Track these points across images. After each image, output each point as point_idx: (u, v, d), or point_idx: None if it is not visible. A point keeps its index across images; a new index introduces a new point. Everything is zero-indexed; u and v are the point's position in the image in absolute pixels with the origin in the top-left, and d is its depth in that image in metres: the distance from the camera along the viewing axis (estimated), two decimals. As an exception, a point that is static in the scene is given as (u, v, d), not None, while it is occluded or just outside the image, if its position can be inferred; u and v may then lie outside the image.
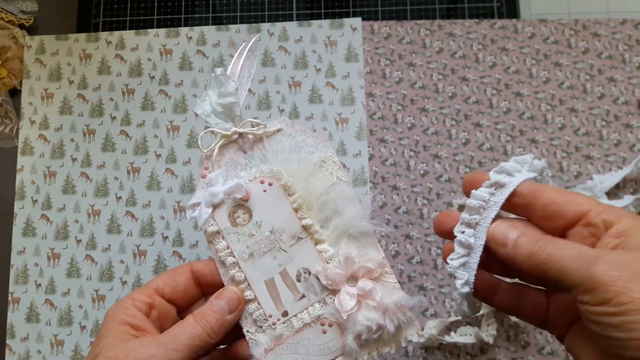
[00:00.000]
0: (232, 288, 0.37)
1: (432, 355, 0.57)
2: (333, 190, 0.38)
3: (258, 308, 0.37)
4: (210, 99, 0.38)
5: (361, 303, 0.36)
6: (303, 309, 0.37)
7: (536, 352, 0.56)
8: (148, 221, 0.62)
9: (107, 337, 0.34)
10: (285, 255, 0.38)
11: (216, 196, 0.38)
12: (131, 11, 0.69)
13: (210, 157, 0.39)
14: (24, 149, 0.65)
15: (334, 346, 0.36)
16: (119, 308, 0.36)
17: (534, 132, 0.61)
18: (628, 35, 0.62)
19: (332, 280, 0.36)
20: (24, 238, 0.63)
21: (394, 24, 0.64)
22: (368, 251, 0.37)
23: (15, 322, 0.61)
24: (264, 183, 0.38)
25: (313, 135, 0.39)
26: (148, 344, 0.34)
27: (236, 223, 0.38)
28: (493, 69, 0.62)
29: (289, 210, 0.38)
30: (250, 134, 0.39)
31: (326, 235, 0.38)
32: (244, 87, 0.39)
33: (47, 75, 0.66)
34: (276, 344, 0.37)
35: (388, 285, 0.37)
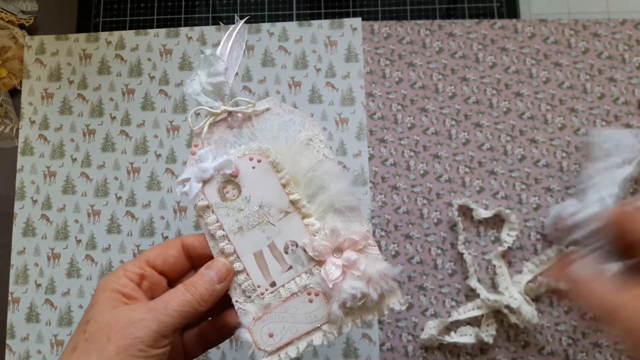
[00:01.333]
0: (221, 259, 0.38)
1: (432, 355, 0.57)
2: (320, 167, 0.39)
3: (247, 279, 0.38)
4: (199, 79, 0.40)
5: (346, 273, 0.37)
6: (290, 279, 0.38)
7: (536, 352, 0.56)
8: (148, 221, 0.62)
9: (98, 305, 0.35)
10: (274, 228, 0.39)
11: (206, 172, 0.39)
12: (131, 11, 0.69)
13: (199, 134, 0.41)
14: (24, 149, 0.65)
15: (320, 314, 0.38)
16: (110, 278, 0.36)
17: (534, 132, 0.61)
18: (628, 35, 0.62)
19: (319, 252, 0.38)
20: (24, 238, 0.63)
21: (394, 24, 0.64)
22: (353, 225, 0.39)
23: (15, 322, 0.61)
24: (253, 160, 0.40)
25: (300, 114, 0.41)
26: (138, 308, 0.34)
27: (226, 198, 0.39)
28: (493, 69, 0.62)
29: (277, 185, 0.39)
30: (239, 112, 0.41)
31: (313, 209, 0.39)
32: (233, 68, 0.41)
33: (47, 75, 0.66)
34: (264, 313, 0.38)
35: (371, 257, 0.38)
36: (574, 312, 0.57)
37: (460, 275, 0.58)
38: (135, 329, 0.33)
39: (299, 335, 0.38)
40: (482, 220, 0.59)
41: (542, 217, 0.59)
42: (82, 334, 0.34)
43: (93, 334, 0.33)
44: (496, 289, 0.57)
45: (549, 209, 0.58)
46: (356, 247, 0.38)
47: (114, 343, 0.32)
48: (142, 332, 0.33)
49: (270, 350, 0.37)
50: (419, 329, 0.57)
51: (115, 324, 0.33)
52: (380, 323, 0.58)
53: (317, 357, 0.58)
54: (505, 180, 0.60)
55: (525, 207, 0.59)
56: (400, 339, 0.58)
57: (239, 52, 0.41)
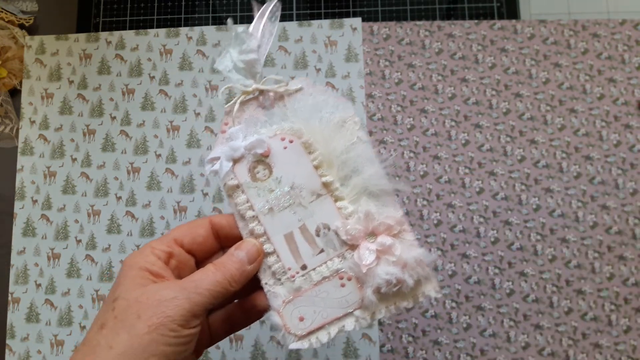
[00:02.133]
0: (251, 240, 0.37)
1: (432, 355, 0.57)
2: (353, 149, 0.38)
3: (277, 261, 0.37)
4: (231, 56, 0.39)
5: (380, 258, 0.36)
6: (322, 262, 0.37)
7: (536, 352, 0.57)
8: (148, 221, 0.62)
9: (125, 283, 0.33)
10: (305, 210, 0.38)
11: (237, 150, 0.38)
12: (131, 11, 0.69)
13: (230, 112, 0.39)
14: (24, 149, 0.65)
15: (352, 299, 0.37)
16: (137, 256, 0.35)
17: (533, 132, 0.61)
18: (627, 35, 0.62)
19: (352, 236, 0.37)
20: (24, 238, 0.63)
21: (393, 25, 0.64)
22: (387, 209, 0.37)
23: (15, 322, 0.61)
24: (285, 140, 0.38)
25: (334, 95, 0.40)
26: (169, 287, 0.33)
27: (256, 178, 0.38)
28: (493, 69, 0.62)
29: (309, 167, 0.38)
30: (271, 91, 0.39)
31: (346, 192, 0.38)
32: (266, 46, 0.40)
33: (47, 75, 0.66)
34: (295, 296, 0.37)
35: (406, 242, 0.37)
36: (574, 313, 0.57)
37: (461, 276, 0.58)
38: (166, 308, 0.31)
39: (331, 320, 0.36)
40: (482, 221, 0.59)
41: (542, 218, 0.59)
42: (110, 311, 0.32)
43: (122, 312, 0.32)
44: (496, 289, 0.58)
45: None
46: (391, 232, 0.37)
47: (145, 322, 0.31)
48: (173, 311, 0.31)
49: (300, 334, 0.36)
50: (419, 330, 0.58)
51: (145, 301, 0.32)
52: (381, 324, 0.58)
53: (317, 357, 0.58)
54: (505, 181, 0.60)
55: (525, 207, 0.59)
56: (400, 340, 0.58)
57: (271, 30, 0.40)
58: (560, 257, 0.58)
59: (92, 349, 0.31)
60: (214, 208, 0.62)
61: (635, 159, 0.60)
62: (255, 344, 0.59)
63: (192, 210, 0.62)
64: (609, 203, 0.59)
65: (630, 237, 0.58)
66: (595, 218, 0.59)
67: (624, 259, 0.58)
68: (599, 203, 0.59)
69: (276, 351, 0.59)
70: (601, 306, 0.57)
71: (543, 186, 0.60)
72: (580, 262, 0.58)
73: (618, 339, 0.57)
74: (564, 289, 0.58)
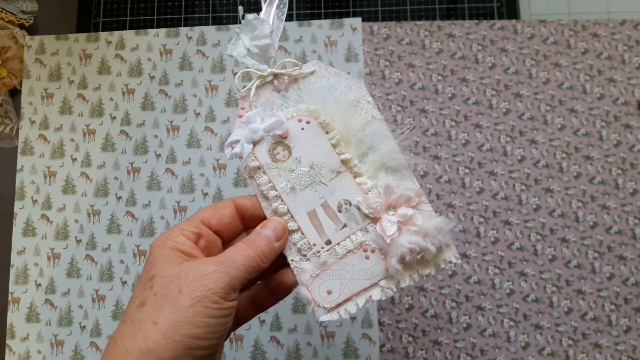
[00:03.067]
0: (276, 218, 0.39)
1: (432, 355, 0.57)
2: (369, 127, 0.39)
3: (302, 238, 0.38)
4: (243, 42, 0.40)
5: (401, 229, 0.37)
6: (345, 237, 0.38)
7: (536, 352, 0.57)
8: (148, 221, 0.62)
9: (159, 261, 0.34)
10: (326, 188, 0.39)
11: (257, 133, 0.39)
12: (131, 11, 0.69)
13: (246, 97, 0.40)
14: (24, 149, 0.65)
15: (377, 270, 0.38)
16: (167, 236, 0.36)
17: (533, 132, 0.61)
18: (627, 35, 0.62)
19: (374, 209, 0.38)
20: (24, 238, 0.63)
21: (393, 25, 0.64)
22: (405, 182, 0.39)
23: (15, 322, 0.61)
24: (302, 121, 0.40)
25: (346, 77, 0.41)
26: (207, 262, 0.34)
27: (276, 159, 0.39)
28: (493, 69, 0.62)
29: (328, 146, 0.39)
30: (285, 74, 0.40)
31: (364, 169, 0.39)
32: (277, 32, 0.41)
33: (47, 75, 0.66)
34: (321, 271, 0.38)
35: (425, 212, 0.38)
36: (574, 313, 0.57)
37: (461, 276, 0.58)
38: (208, 281, 0.32)
39: (357, 292, 0.38)
40: (482, 221, 0.59)
41: (542, 218, 0.59)
42: (148, 289, 0.33)
43: (162, 288, 0.32)
44: (496, 289, 0.58)
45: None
46: (410, 204, 0.38)
47: (187, 295, 0.31)
48: (215, 283, 0.32)
49: (329, 307, 0.37)
50: (419, 330, 0.58)
51: (184, 277, 0.32)
52: (381, 324, 0.58)
53: (317, 357, 0.58)
54: (505, 181, 0.60)
55: (525, 207, 0.59)
56: (400, 340, 0.58)
57: (280, 17, 0.41)
58: (561, 257, 0.58)
59: (136, 326, 0.31)
60: (214, 208, 0.62)
61: (635, 159, 0.60)
62: (255, 344, 0.59)
63: (192, 210, 0.62)
64: (609, 203, 0.59)
65: (630, 237, 0.58)
66: (595, 218, 0.59)
67: (624, 259, 0.58)
68: (599, 203, 0.59)
69: (276, 351, 0.59)
70: (601, 306, 0.57)
71: (543, 186, 0.60)
72: (580, 262, 0.58)
73: (618, 339, 0.57)
74: (564, 289, 0.58)
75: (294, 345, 0.59)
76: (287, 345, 0.59)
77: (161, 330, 0.31)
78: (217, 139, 0.63)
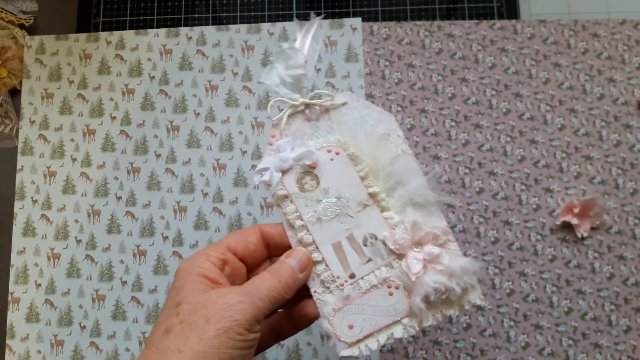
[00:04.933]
0: (301, 248, 0.38)
1: (432, 355, 0.57)
2: (398, 161, 0.39)
3: (326, 269, 0.38)
4: (277, 71, 0.40)
5: (427, 267, 0.37)
6: (370, 271, 0.38)
7: (536, 352, 0.57)
8: (148, 221, 0.62)
9: (186, 287, 0.34)
10: (352, 220, 0.39)
11: (286, 162, 0.39)
12: (131, 11, 0.69)
13: (277, 125, 0.41)
14: (24, 149, 0.65)
15: (400, 308, 0.38)
16: (193, 262, 0.36)
17: (533, 132, 0.61)
18: (627, 35, 0.62)
19: (400, 245, 0.38)
20: (24, 238, 0.63)
21: (393, 25, 0.64)
22: (432, 219, 0.39)
23: (15, 322, 0.61)
24: (331, 152, 0.40)
25: (377, 109, 0.41)
26: (233, 291, 0.34)
27: (304, 189, 0.39)
28: (493, 69, 0.62)
29: (356, 178, 0.39)
30: (317, 105, 0.41)
31: (392, 203, 0.39)
32: (311, 62, 0.41)
33: (47, 75, 0.66)
34: (344, 304, 0.38)
35: (452, 252, 0.38)
36: (574, 313, 0.57)
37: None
38: (234, 312, 0.32)
39: (379, 328, 0.37)
40: (482, 221, 0.59)
41: (542, 218, 0.59)
42: (174, 316, 0.33)
43: (188, 316, 0.32)
44: (496, 289, 0.58)
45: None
46: (437, 242, 0.38)
47: (213, 325, 0.32)
48: (240, 315, 0.32)
49: (350, 341, 0.37)
50: (419, 331, 0.57)
51: (211, 306, 0.32)
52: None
53: (317, 357, 0.58)
54: (505, 181, 0.60)
55: (525, 207, 0.59)
56: (400, 340, 0.58)
57: (315, 47, 0.42)
58: (560, 256, 0.58)
59: (162, 353, 0.32)
60: (213, 208, 0.62)
61: (635, 159, 0.60)
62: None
63: (192, 210, 0.62)
64: (609, 203, 0.59)
65: (630, 237, 0.58)
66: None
67: (624, 259, 0.58)
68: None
69: (276, 351, 0.59)
70: (601, 306, 0.57)
71: (543, 186, 0.60)
72: (580, 261, 0.58)
73: (618, 339, 0.57)
74: (564, 289, 0.58)
75: (294, 345, 0.59)
76: (287, 345, 0.59)
77: (187, 359, 0.31)
78: (217, 139, 0.63)
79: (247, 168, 0.63)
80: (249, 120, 0.63)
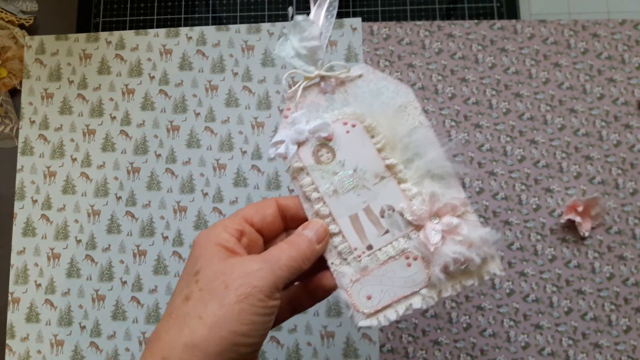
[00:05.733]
0: (318, 220, 0.38)
1: (432, 355, 0.57)
2: (415, 133, 0.39)
3: (343, 241, 0.38)
4: (292, 43, 0.40)
5: (445, 238, 0.37)
6: (387, 243, 0.38)
7: (536, 352, 0.57)
8: (148, 221, 0.62)
9: (204, 256, 0.34)
10: (369, 192, 0.38)
11: (302, 134, 0.39)
12: (131, 11, 0.69)
13: (292, 98, 0.40)
14: (24, 149, 0.65)
15: (419, 279, 0.37)
16: (211, 232, 0.36)
17: (533, 132, 0.61)
18: (627, 35, 0.62)
19: (418, 216, 0.37)
20: (24, 238, 0.63)
21: (393, 25, 0.64)
22: (450, 191, 0.38)
23: (15, 322, 0.61)
24: (347, 124, 0.39)
25: (394, 81, 0.40)
26: (252, 259, 0.34)
27: (320, 161, 0.39)
28: (492, 69, 0.62)
29: (373, 150, 0.39)
30: (333, 77, 0.40)
31: (409, 175, 0.39)
32: (326, 34, 0.40)
33: (47, 75, 0.66)
34: (362, 276, 0.38)
35: (470, 222, 0.38)
36: (574, 313, 0.57)
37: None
38: (253, 279, 0.32)
39: (398, 299, 0.37)
40: (482, 220, 0.59)
41: (542, 218, 0.59)
42: (194, 284, 0.33)
43: (208, 283, 0.32)
44: (496, 289, 0.58)
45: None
46: (455, 213, 0.37)
47: (233, 291, 0.32)
48: (260, 281, 0.32)
49: (368, 312, 0.37)
50: (419, 330, 0.58)
51: (230, 273, 0.32)
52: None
53: (317, 357, 0.58)
54: (505, 181, 0.60)
55: (525, 207, 0.59)
56: (400, 340, 0.58)
57: (330, 19, 0.41)
58: (560, 256, 0.58)
59: (182, 320, 0.32)
60: (213, 208, 0.62)
61: (635, 159, 0.60)
62: (255, 344, 0.59)
63: (192, 210, 0.62)
64: (609, 203, 0.59)
65: (630, 237, 0.58)
66: (595, 218, 0.59)
67: (624, 259, 0.58)
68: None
69: (276, 351, 0.59)
70: (601, 306, 0.57)
71: (543, 186, 0.60)
72: (580, 261, 0.58)
73: (618, 339, 0.57)
74: (564, 289, 0.58)
75: (294, 345, 0.59)
76: (287, 345, 0.59)
77: (207, 325, 0.31)
78: (217, 139, 0.63)
79: (247, 168, 0.63)
80: (249, 120, 0.63)
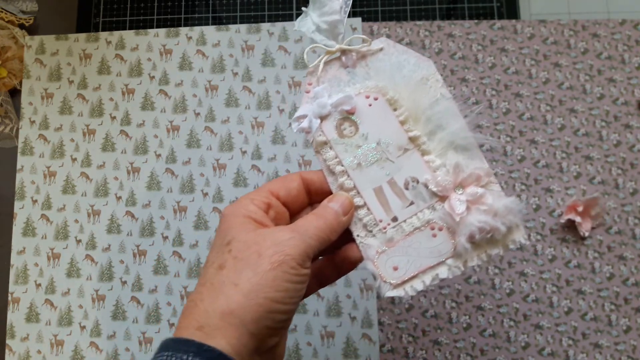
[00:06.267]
0: (343, 193, 0.38)
1: (432, 355, 0.57)
2: (437, 105, 0.39)
3: (368, 213, 0.38)
4: (312, 18, 0.40)
5: (470, 208, 0.37)
6: (412, 214, 0.38)
7: (536, 352, 0.57)
8: (148, 221, 0.62)
9: (234, 228, 0.34)
10: (393, 165, 0.39)
11: (324, 107, 0.39)
12: (131, 11, 0.69)
13: (314, 72, 0.40)
14: (24, 149, 0.65)
15: (444, 249, 0.37)
16: (238, 205, 0.36)
17: (533, 132, 0.61)
18: (627, 35, 0.62)
19: (442, 187, 0.38)
20: (24, 238, 0.63)
21: (393, 25, 0.64)
22: (473, 162, 0.38)
23: (15, 322, 0.61)
24: (369, 98, 0.40)
25: (415, 54, 0.40)
26: (282, 229, 0.34)
27: (343, 135, 0.39)
28: (493, 69, 0.62)
29: (395, 123, 0.39)
30: (354, 51, 0.40)
31: (432, 147, 0.39)
32: (346, 8, 0.40)
33: (47, 75, 0.66)
34: (387, 247, 0.38)
35: (494, 192, 0.38)
36: (574, 313, 0.57)
37: (461, 276, 0.58)
38: (285, 247, 0.33)
39: (424, 269, 0.37)
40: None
41: (542, 218, 0.59)
42: (227, 253, 0.33)
43: (241, 252, 0.33)
44: (496, 289, 0.58)
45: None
46: (479, 183, 0.38)
47: (267, 259, 0.32)
48: (292, 250, 0.33)
49: (395, 283, 0.37)
50: (419, 330, 0.58)
51: (262, 242, 0.33)
52: (381, 324, 0.58)
53: (317, 357, 0.58)
54: (505, 181, 0.60)
55: (525, 207, 0.59)
56: (400, 340, 0.58)
57: None
58: (561, 256, 0.58)
59: (217, 288, 0.32)
60: (213, 208, 0.62)
61: (635, 159, 0.60)
62: (255, 344, 0.59)
63: (192, 210, 0.62)
64: (609, 203, 0.59)
65: (630, 237, 0.58)
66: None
67: (624, 259, 0.58)
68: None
69: (276, 351, 0.59)
70: (601, 306, 0.57)
71: (543, 186, 0.60)
72: (580, 261, 0.58)
73: (618, 339, 0.57)
74: (564, 289, 0.58)
75: (294, 345, 0.59)
76: (287, 345, 0.59)
77: (243, 292, 0.31)
78: (217, 139, 0.63)
79: (247, 168, 0.63)
80: (249, 120, 0.63)
